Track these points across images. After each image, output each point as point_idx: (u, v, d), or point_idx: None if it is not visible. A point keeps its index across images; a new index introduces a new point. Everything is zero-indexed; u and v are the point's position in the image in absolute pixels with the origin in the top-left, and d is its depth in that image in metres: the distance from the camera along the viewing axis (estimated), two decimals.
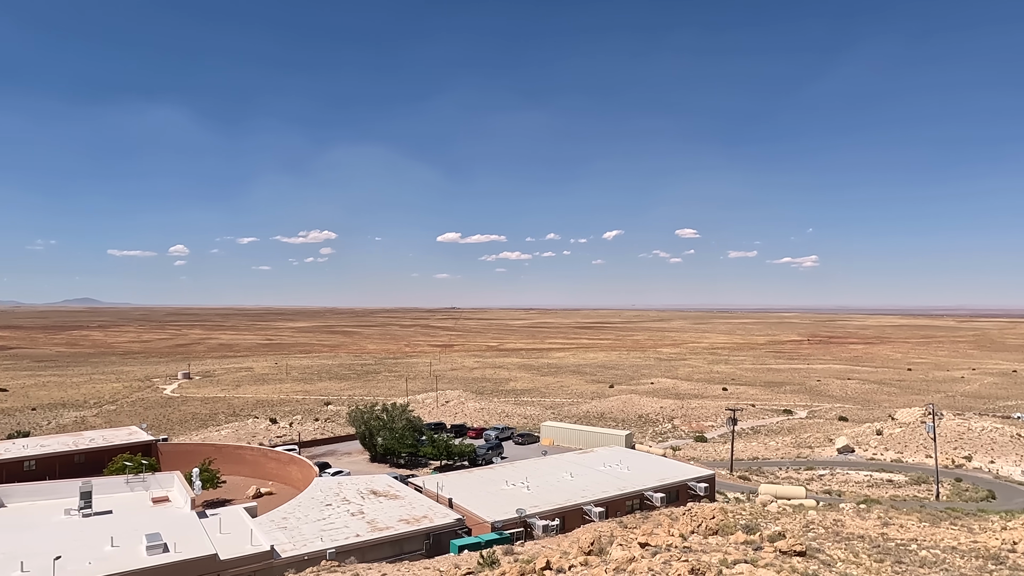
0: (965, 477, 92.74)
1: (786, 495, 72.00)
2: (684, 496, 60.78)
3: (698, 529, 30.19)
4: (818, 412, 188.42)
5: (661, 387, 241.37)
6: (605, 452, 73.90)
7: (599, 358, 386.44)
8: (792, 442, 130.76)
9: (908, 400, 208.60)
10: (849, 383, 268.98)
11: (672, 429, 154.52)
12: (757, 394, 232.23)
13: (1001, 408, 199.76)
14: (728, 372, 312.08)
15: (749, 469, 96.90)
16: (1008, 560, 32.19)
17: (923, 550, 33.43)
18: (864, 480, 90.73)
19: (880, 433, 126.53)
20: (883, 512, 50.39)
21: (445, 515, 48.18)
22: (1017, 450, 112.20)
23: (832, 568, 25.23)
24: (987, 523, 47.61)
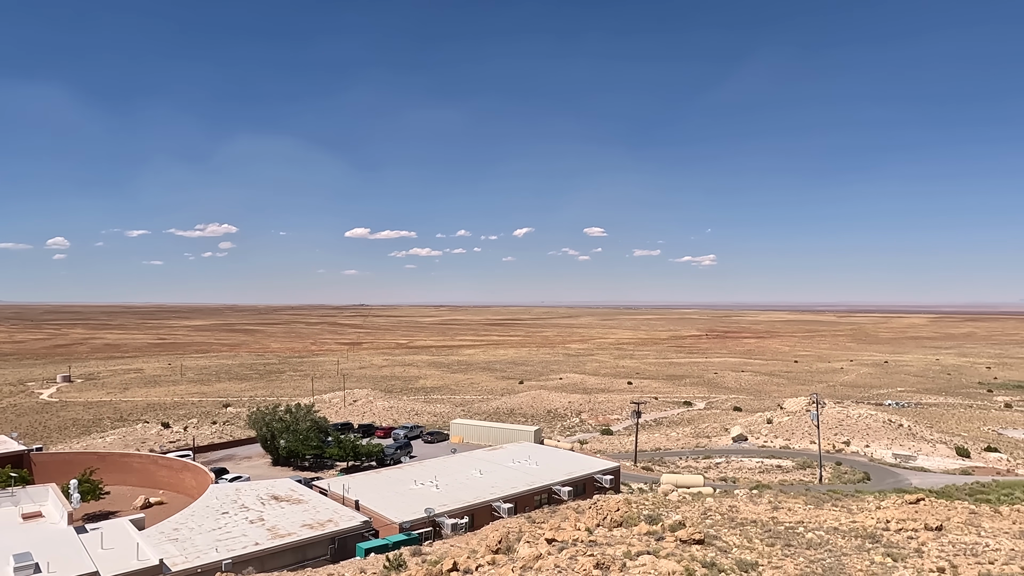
0: (844, 461, 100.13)
1: (686, 484, 75.10)
2: (591, 489, 62.12)
3: (604, 522, 30.79)
4: (715, 403, 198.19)
5: (569, 382, 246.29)
6: (514, 448, 74.36)
7: (509, 355, 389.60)
8: (692, 432, 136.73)
9: (795, 390, 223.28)
10: (743, 375, 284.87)
11: (580, 423, 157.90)
12: (660, 387, 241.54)
13: (875, 396, 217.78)
14: (633, 366, 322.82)
15: (652, 460, 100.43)
16: (883, 538, 34.87)
17: (809, 532, 35.66)
18: (756, 466, 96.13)
19: (770, 422, 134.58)
20: (773, 497, 53.50)
21: (351, 518, 46.84)
22: (888, 434, 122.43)
23: (728, 554, 26.37)
24: (864, 503, 51.54)
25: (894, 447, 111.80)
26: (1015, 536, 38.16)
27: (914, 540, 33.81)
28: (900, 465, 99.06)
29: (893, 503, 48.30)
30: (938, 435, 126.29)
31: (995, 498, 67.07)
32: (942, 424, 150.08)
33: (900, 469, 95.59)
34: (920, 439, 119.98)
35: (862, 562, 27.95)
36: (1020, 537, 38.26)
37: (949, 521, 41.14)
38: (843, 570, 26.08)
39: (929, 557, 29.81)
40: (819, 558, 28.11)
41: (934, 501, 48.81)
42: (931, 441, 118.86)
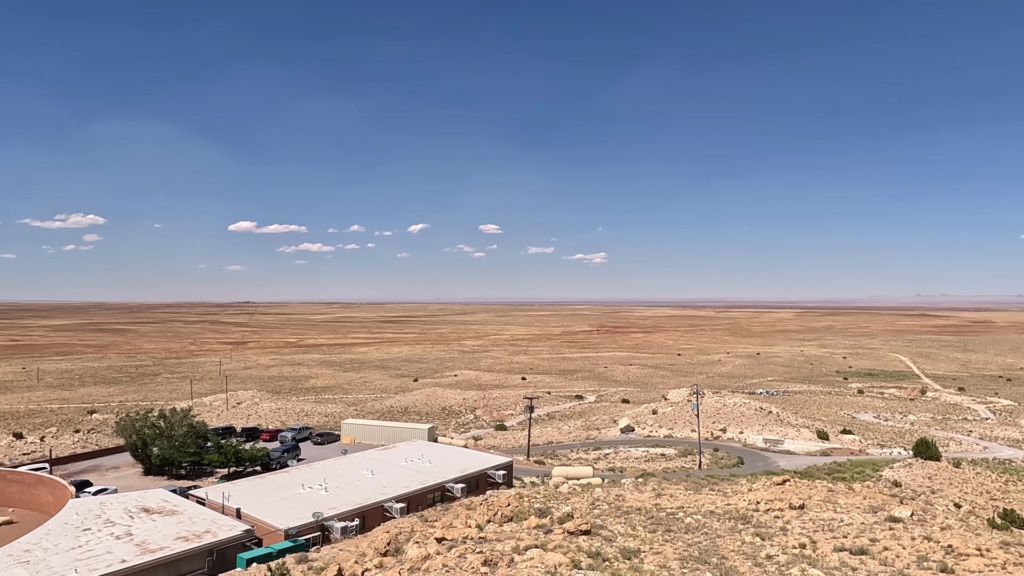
0: (722, 447, 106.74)
1: (576, 476, 77.12)
2: (484, 485, 62.40)
3: (495, 518, 30.96)
4: (605, 396, 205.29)
5: (464, 379, 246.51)
6: (407, 447, 73.39)
7: (404, 352, 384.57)
8: (582, 425, 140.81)
9: (678, 382, 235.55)
10: (631, 368, 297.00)
11: (474, 419, 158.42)
12: (553, 382, 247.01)
13: (748, 385, 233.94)
14: (527, 362, 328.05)
15: (545, 453, 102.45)
16: (753, 518, 37.34)
17: (688, 516, 37.58)
18: (642, 456, 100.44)
19: (655, 412, 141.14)
20: (657, 484, 56.00)
21: (231, 527, 44.33)
22: (760, 421, 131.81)
23: (613, 543, 27.25)
24: (737, 487, 55.03)
25: (765, 432, 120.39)
26: (865, 511, 42.10)
27: (780, 519, 36.45)
28: (770, 449, 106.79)
29: (763, 485, 51.94)
30: (802, 420, 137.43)
31: (849, 476, 73.88)
32: (805, 410, 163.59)
33: (770, 453, 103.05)
34: (787, 424, 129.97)
35: (735, 542, 29.78)
36: (870, 511, 42.25)
37: (810, 499, 44.76)
38: (717, 551, 27.65)
39: (792, 534, 32.23)
40: (696, 541, 29.67)
41: (798, 481, 52.96)
42: (796, 426, 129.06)
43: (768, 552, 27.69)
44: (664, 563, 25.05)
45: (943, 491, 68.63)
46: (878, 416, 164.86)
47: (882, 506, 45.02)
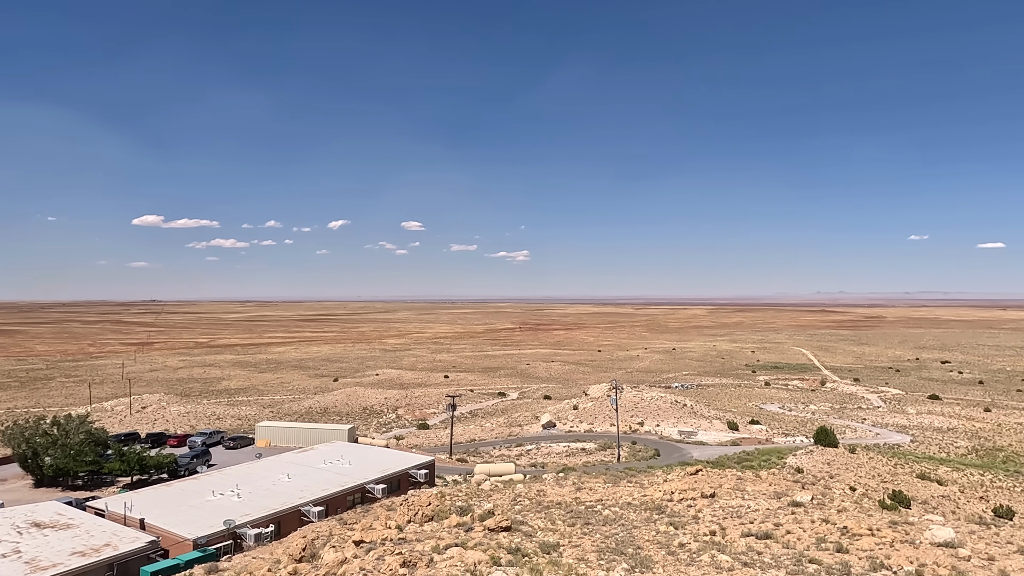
0: (639, 440, 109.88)
1: (498, 472, 77.47)
2: (406, 484, 61.69)
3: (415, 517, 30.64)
4: (527, 393, 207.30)
5: (386, 378, 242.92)
6: (326, 448, 71.58)
7: (323, 351, 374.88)
8: (505, 422, 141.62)
9: (598, 377, 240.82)
10: (553, 365, 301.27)
11: (397, 419, 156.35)
12: (476, 379, 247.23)
13: (664, 380, 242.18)
14: (450, 360, 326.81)
15: (467, 451, 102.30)
16: (667, 508, 38.65)
17: (606, 509, 38.48)
18: (563, 451, 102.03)
19: (576, 408, 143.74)
20: (577, 478, 57.06)
21: (134, 539, 41.86)
22: (675, 413, 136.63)
23: (533, 538, 27.55)
24: (653, 478, 56.85)
25: (680, 425, 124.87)
26: (770, 497, 44.42)
27: (692, 508, 37.90)
28: (684, 440, 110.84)
29: (677, 476, 53.89)
30: (714, 412, 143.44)
31: (757, 464, 77.68)
32: (717, 402, 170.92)
33: (684, 444, 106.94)
34: (700, 416, 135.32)
35: (650, 532, 30.73)
36: (774, 497, 44.60)
37: (721, 488, 46.79)
38: (633, 541, 28.44)
39: (704, 522, 33.58)
40: (613, 533, 30.42)
41: (709, 471, 55.28)
42: (709, 418, 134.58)
43: (681, 540, 28.72)
44: (582, 556, 25.53)
45: (840, 476, 73.28)
46: (783, 406, 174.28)
47: (786, 492, 47.64)
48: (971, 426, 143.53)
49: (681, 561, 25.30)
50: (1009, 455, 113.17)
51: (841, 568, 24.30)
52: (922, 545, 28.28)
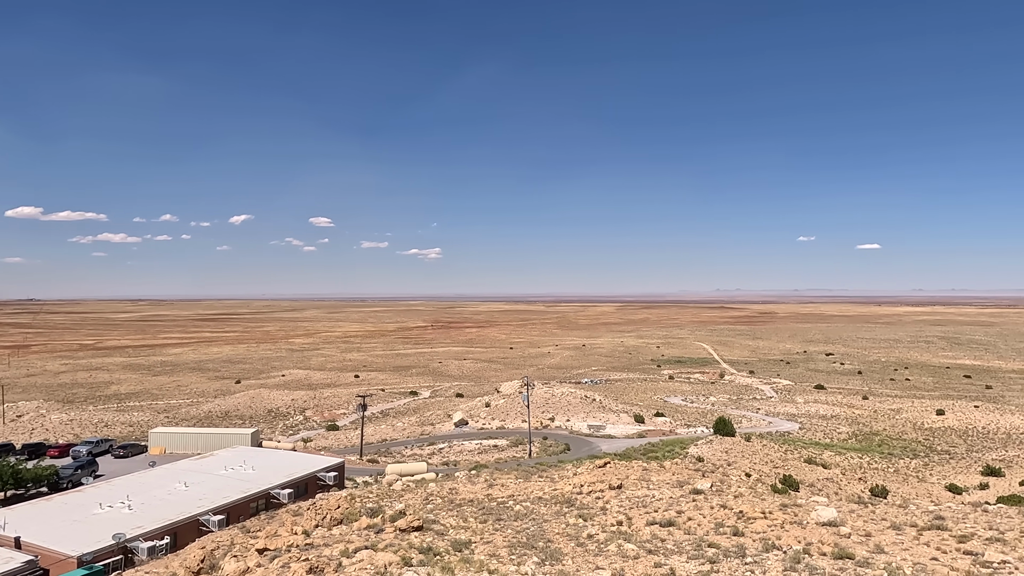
0: (550, 435, 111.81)
1: (410, 472, 76.66)
2: (314, 488, 59.87)
3: (323, 522, 29.82)
4: (440, 391, 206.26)
5: (293, 379, 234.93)
6: (227, 454, 68.34)
7: (224, 352, 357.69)
8: (417, 421, 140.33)
9: (510, 374, 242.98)
10: (465, 363, 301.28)
11: (304, 421, 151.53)
12: (387, 379, 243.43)
13: (575, 376, 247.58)
14: (360, 359, 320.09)
15: (379, 451, 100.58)
16: (577, 501, 39.53)
17: (518, 504, 38.90)
18: (476, 448, 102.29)
19: (488, 405, 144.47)
20: (489, 475, 57.35)
21: (7, 560, 38.37)
22: (585, 408, 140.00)
23: (445, 536, 27.46)
24: (564, 472, 58.01)
25: (589, 419, 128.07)
26: (673, 485, 46.34)
27: (600, 500, 38.96)
28: (593, 434, 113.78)
29: (586, 469, 55.21)
30: (622, 406, 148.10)
31: (661, 455, 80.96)
32: (625, 396, 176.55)
33: (593, 438, 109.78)
34: (609, 410, 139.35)
35: (560, 525, 31.35)
36: (677, 486, 46.57)
37: (627, 479, 48.37)
38: (544, 535, 28.92)
39: (611, 513, 34.60)
40: (525, 527, 30.80)
41: (617, 463, 57.02)
42: (617, 411, 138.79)
43: (589, 532, 29.48)
44: (494, 551, 25.70)
45: (737, 463, 77.54)
46: (685, 399, 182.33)
47: (688, 480, 49.86)
48: (851, 413, 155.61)
49: (590, 552, 25.96)
50: (883, 439, 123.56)
51: (737, 550, 25.72)
52: (809, 525, 30.38)
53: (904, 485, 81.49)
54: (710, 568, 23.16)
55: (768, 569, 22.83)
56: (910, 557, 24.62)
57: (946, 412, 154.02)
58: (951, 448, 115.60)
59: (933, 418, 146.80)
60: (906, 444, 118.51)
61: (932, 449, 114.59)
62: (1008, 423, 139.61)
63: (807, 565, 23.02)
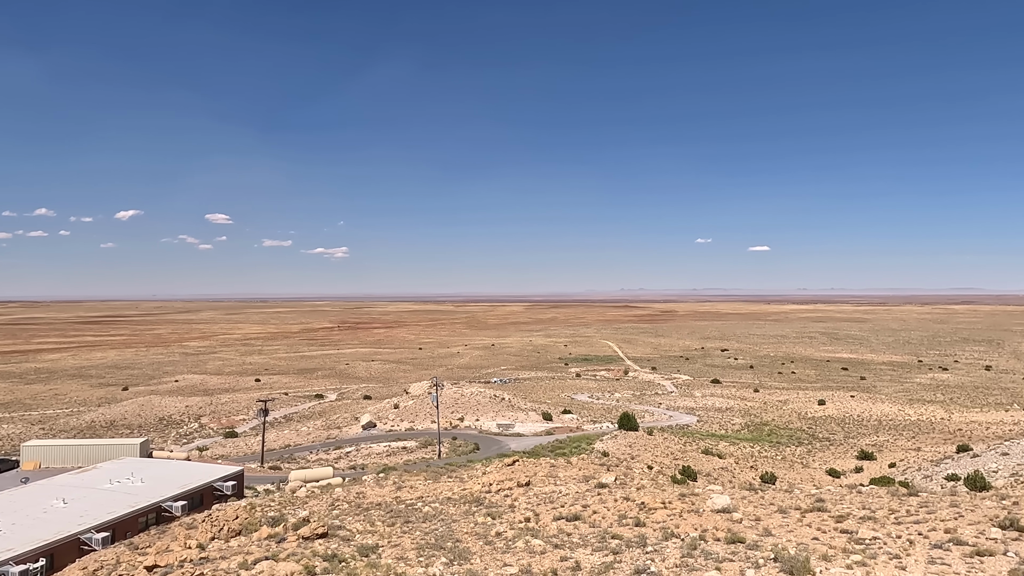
0: (460, 435, 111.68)
1: (315, 477, 74.36)
2: (210, 499, 56.91)
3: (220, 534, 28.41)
4: (347, 393, 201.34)
5: (187, 384, 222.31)
6: (112, 466, 63.77)
7: (109, 357, 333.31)
8: (323, 425, 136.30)
9: (419, 375, 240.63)
10: (373, 364, 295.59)
11: (200, 428, 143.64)
12: (291, 382, 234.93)
13: (484, 375, 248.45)
14: (262, 362, 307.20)
15: (281, 458, 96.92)
16: (485, 500, 39.71)
17: (427, 506, 38.62)
18: (384, 451, 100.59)
19: (397, 407, 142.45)
20: (397, 477, 56.59)
21: None
22: (494, 408, 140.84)
23: (351, 542, 26.85)
24: (474, 471, 58.12)
25: (498, 418, 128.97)
26: (580, 480, 47.48)
27: (509, 497, 39.35)
28: (503, 433, 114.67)
29: (496, 467, 55.57)
30: (531, 404, 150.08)
31: (568, 451, 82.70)
32: (533, 395, 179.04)
33: (503, 436, 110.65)
34: (517, 409, 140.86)
35: (469, 525, 31.40)
36: (583, 480, 47.74)
37: (535, 476, 49.09)
38: (452, 535, 28.87)
39: (519, 510, 35.01)
40: (433, 528, 30.63)
41: (526, 461, 57.75)
42: (525, 410, 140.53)
43: (498, 529, 29.70)
44: (402, 554, 25.39)
45: (640, 456, 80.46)
46: (591, 396, 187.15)
47: (593, 475, 51.23)
48: (744, 405, 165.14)
49: (498, 550, 26.17)
50: (772, 429, 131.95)
51: (639, 540, 26.70)
52: (705, 513, 31.99)
53: (790, 471, 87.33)
54: (613, 559, 23.91)
55: (667, 556, 23.85)
56: (794, 538, 26.44)
57: (826, 402, 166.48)
58: (831, 435, 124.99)
59: (815, 408, 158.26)
60: (792, 433, 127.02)
61: (815, 437, 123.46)
62: (879, 411, 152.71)
63: (702, 551, 24.22)
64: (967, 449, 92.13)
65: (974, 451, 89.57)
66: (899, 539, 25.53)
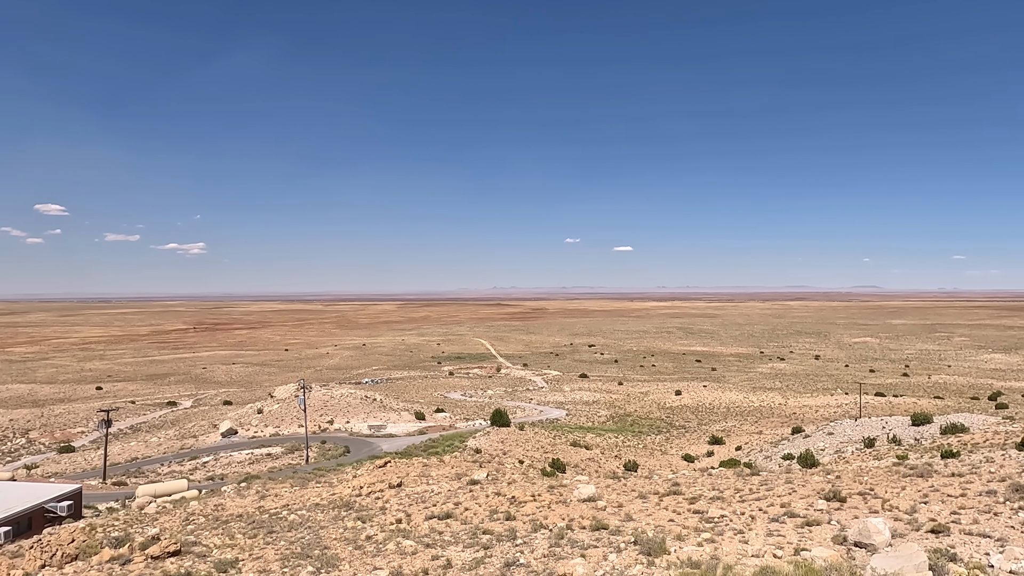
0: (329, 438, 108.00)
1: (167, 491, 68.82)
2: (40, 523, 50.94)
3: (52, 560, 25.54)
4: (204, 399, 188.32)
5: (12, 395, 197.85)
6: None
7: None
8: (176, 434, 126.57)
9: (286, 378, 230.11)
10: (234, 367, 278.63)
11: (28, 444, 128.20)
12: (138, 389, 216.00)
13: (355, 376, 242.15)
14: (104, 368, 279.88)
15: (127, 472, 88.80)
16: (356, 503, 38.76)
17: (292, 514, 37.02)
18: (247, 458, 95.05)
19: (261, 412, 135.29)
20: (261, 486, 53.81)
21: None
22: (365, 409, 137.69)
23: (207, 559, 25.15)
24: (343, 475, 56.51)
25: (370, 420, 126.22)
26: (452, 478, 47.62)
27: (380, 499, 38.68)
28: (374, 435, 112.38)
29: (367, 470, 54.38)
30: (403, 404, 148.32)
31: (441, 450, 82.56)
32: (406, 394, 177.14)
33: (374, 438, 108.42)
34: (390, 409, 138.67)
35: (337, 530, 30.48)
36: (455, 478, 47.92)
37: (408, 476, 48.61)
38: (320, 542, 27.90)
39: (391, 512, 34.52)
40: (299, 537, 29.42)
41: (398, 461, 56.99)
42: (398, 410, 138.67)
43: (368, 533, 29.10)
44: (264, 567, 24.17)
45: (512, 451, 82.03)
46: (465, 394, 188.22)
47: (466, 472, 51.60)
48: (609, 398, 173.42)
49: (368, 554, 25.64)
50: (635, 419, 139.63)
51: (509, 534, 27.24)
52: (572, 503, 33.24)
53: (651, 459, 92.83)
54: (484, 554, 24.22)
55: (536, 548, 24.52)
56: (653, 521, 28.16)
57: (682, 392, 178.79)
58: (686, 423, 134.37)
59: (673, 398, 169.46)
60: (652, 422, 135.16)
61: (672, 425, 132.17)
62: (728, 399, 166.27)
63: (569, 540, 25.16)
64: (800, 431, 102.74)
65: (806, 432, 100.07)
66: (743, 515, 27.97)
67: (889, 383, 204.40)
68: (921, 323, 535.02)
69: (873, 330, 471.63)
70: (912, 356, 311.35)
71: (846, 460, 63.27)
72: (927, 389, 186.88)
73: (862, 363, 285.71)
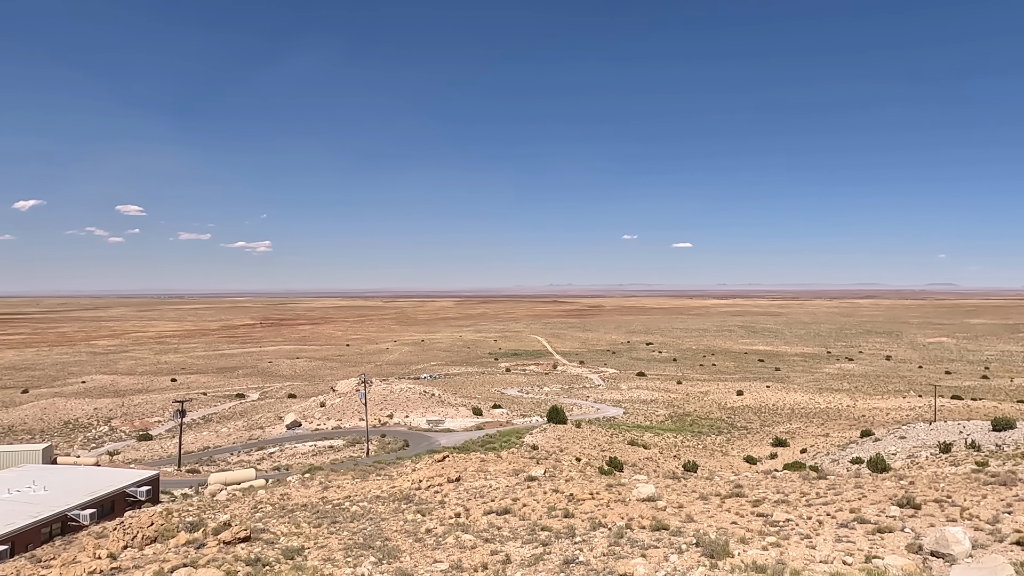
0: (389, 432, 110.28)
1: (236, 480, 71.71)
2: (122, 506, 54.00)
3: (133, 542, 26.99)
4: (269, 392, 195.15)
5: (96, 385, 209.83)
6: (10, 475, 59.46)
7: (7, 358, 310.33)
8: (244, 425, 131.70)
9: (347, 372, 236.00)
10: (298, 362, 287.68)
11: (110, 432, 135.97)
12: (209, 381, 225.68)
13: (413, 371, 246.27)
14: (178, 361, 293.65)
15: (200, 460, 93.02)
16: (415, 497, 39.42)
17: (354, 505, 37.97)
18: (310, 450, 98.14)
19: (323, 405, 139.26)
20: (324, 477, 55.37)
21: None
22: (424, 403, 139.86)
23: (275, 546, 26.08)
24: (402, 468, 57.53)
25: (428, 414, 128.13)
26: (509, 474, 47.82)
27: (439, 493, 39.21)
28: (432, 429, 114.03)
29: (425, 464, 55.21)
30: (460, 399, 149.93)
31: (498, 445, 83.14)
32: (464, 390, 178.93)
33: (432, 432, 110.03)
34: (448, 405, 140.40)
35: (398, 523, 31.09)
36: (513, 474, 48.11)
37: (465, 471, 49.09)
38: (381, 534, 28.52)
39: (449, 506, 34.95)
40: (361, 528, 30.15)
41: (456, 456, 57.64)
42: (455, 405, 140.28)
43: (428, 526, 29.56)
44: (329, 555, 24.88)
45: (569, 448, 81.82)
46: (521, 390, 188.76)
47: (523, 468, 51.73)
48: (668, 397, 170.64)
49: (428, 546, 26.04)
50: (694, 419, 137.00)
51: (567, 531, 27.18)
52: (631, 502, 32.88)
53: (711, 459, 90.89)
54: (543, 550, 24.24)
55: (595, 546, 24.38)
56: (715, 523, 27.57)
57: (744, 392, 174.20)
58: (748, 424, 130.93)
59: (734, 398, 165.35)
60: (712, 422, 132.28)
61: (733, 426, 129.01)
62: (792, 400, 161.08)
63: (628, 539, 24.91)
64: (870, 434, 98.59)
65: (876, 435, 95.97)
66: (810, 520, 27.06)
67: (967, 386, 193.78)
68: (1002, 323, 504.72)
69: (949, 330, 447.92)
70: (992, 357, 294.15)
71: (920, 465, 60.40)
72: (1009, 393, 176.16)
73: (937, 364, 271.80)
